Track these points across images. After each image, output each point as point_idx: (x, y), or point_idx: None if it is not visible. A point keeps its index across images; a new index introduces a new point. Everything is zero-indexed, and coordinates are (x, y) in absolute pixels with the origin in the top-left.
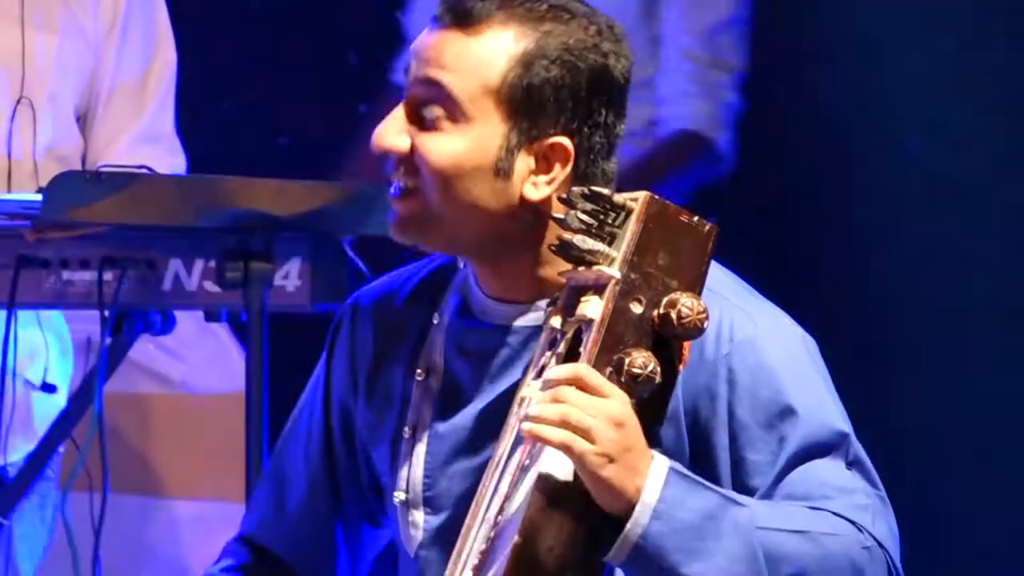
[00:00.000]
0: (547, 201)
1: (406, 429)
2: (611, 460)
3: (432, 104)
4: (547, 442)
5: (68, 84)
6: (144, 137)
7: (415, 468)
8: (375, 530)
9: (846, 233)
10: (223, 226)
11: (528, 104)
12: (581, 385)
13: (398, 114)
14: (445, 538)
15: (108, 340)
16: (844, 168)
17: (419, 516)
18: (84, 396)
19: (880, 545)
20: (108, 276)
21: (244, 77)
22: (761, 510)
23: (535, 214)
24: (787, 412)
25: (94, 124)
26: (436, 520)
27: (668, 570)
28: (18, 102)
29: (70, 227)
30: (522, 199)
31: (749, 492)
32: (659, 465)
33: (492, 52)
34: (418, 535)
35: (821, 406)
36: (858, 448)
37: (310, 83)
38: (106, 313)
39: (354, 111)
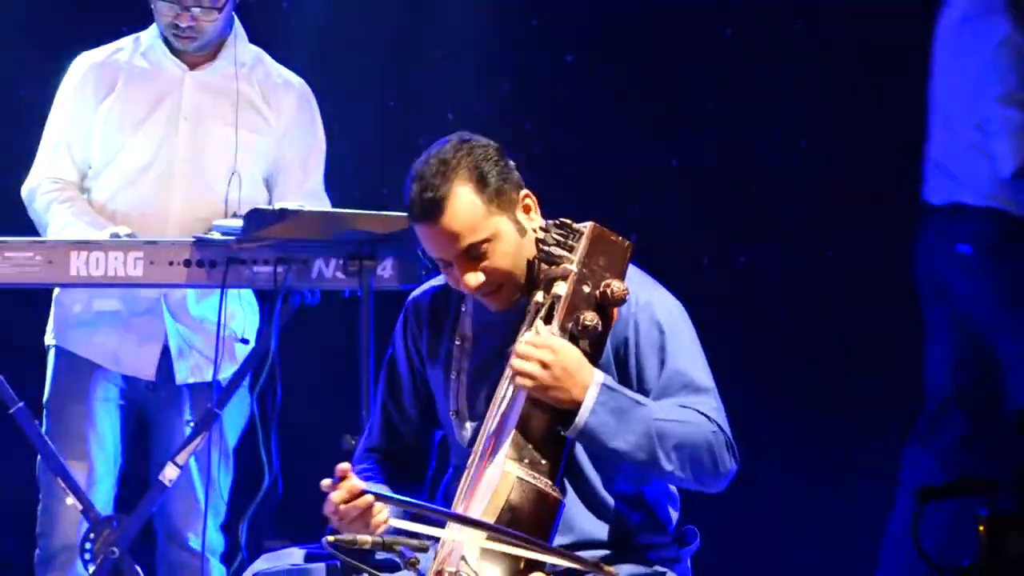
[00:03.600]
0: (535, 231)
1: (452, 374)
2: (550, 386)
3: (473, 251)
4: (519, 385)
5: (260, 164)
6: (305, 195)
7: (460, 397)
8: (436, 435)
9: None
10: (347, 240)
11: (501, 197)
12: (534, 342)
13: (462, 268)
14: (477, 433)
15: (279, 306)
16: None
17: (466, 424)
18: (265, 338)
19: (722, 430)
20: (280, 269)
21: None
22: (656, 408)
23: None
24: (665, 347)
25: (274, 187)
26: (472, 425)
27: (600, 443)
28: (231, 173)
29: (258, 240)
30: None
31: (645, 392)
32: (596, 379)
33: (465, 204)
34: (466, 435)
35: (684, 344)
36: (705, 375)
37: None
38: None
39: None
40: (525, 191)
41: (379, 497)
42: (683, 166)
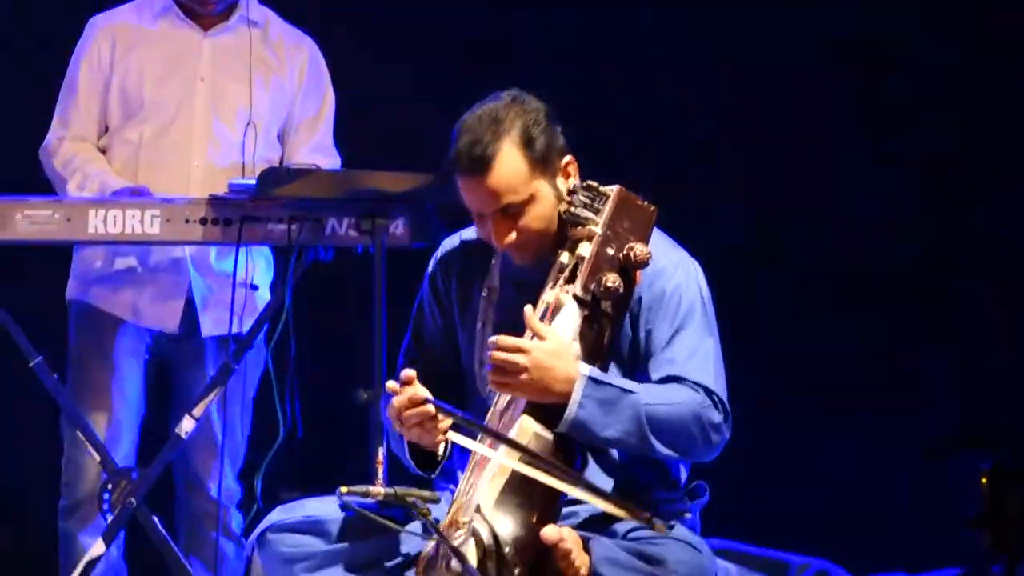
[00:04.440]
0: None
1: (479, 323)
2: (531, 389)
3: (509, 210)
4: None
5: (274, 119)
6: (315, 149)
7: (485, 347)
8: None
9: None
10: (360, 198)
11: (545, 161)
12: (505, 347)
13: (497, 223)
14: None
15: (293, 263)
16: None
17: (487, 372)
18: (279, 293)
19: (716, 402)
20: (294, 227)
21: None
22: (644, 394)
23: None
24: (678, 312)
25: (287, 142)
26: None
27: (591, 434)
28: (247, 128)
29: (272, 199)
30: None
31: (651, 353)
32: (582, 371)
33: (510, 164)
34: (487, 382)
35: (697, 317)
36: (712, 349)
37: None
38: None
39: None
40: (568, 157)
41: (439, 408)
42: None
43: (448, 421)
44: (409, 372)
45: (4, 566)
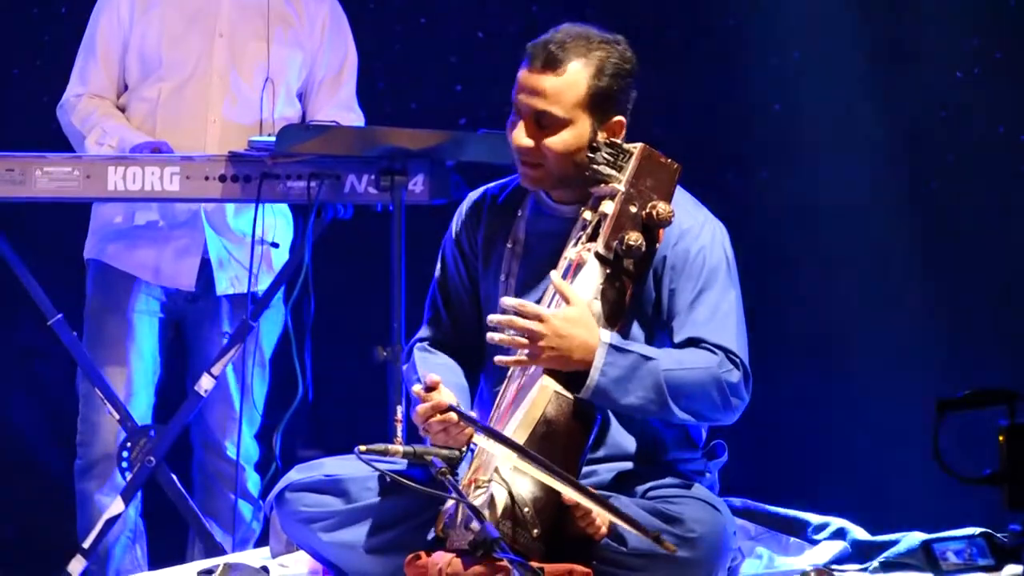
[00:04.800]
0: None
1: (502, 276)
2: (550, 356)
3: (544, 119)
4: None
5: (293, 76)
6: (339, 107)
7: (508, 296)
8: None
9: None
10: (379, 155)
11: (601, 103)
12: (524, 314)
13: (527, 123)
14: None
15: (312, 220)
16: None
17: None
18: (298, 251)
19: (736, 363)
20: (312, 184)
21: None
22: (664, 359)
23: None
24: (701, 273)
25: (308, 101)
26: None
27: (612, 401)
28: (264, 83)
29: (291, 156)
30: None
31: (673, 314)
32: (603, 339)
33: (574, 80)
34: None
35: (720, 278)
36: (733, 311)
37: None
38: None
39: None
40: (622, 118)
41: (462, 416)
42: None
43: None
44: (434, 377)
45: (22, 528)
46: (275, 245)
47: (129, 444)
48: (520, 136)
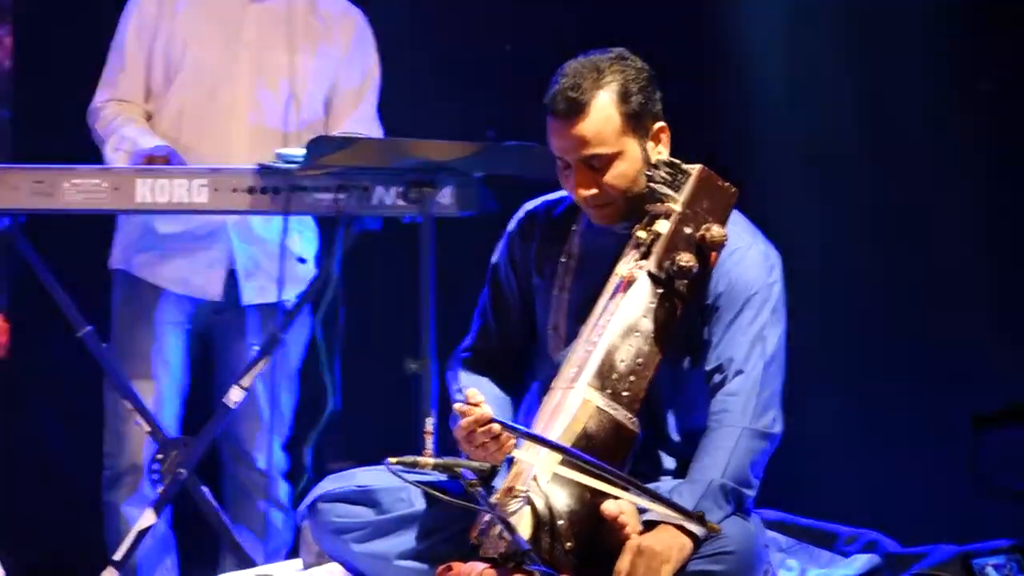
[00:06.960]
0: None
1: (555, 290)
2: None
3: (595, 161)
4: None
5: (318, 87)
6: (360, 120)
7: (560, 313)
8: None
9: None
10: (407, 167)
11: (638, 120)
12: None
13: (580, 173)
14: (567, 354)
15: (341, 232)
16: None
17: (561, 342)
18: (327, 264)
19: (757, 398)
20: (341, 196)
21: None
22: (712, 467)
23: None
24: (740, 309)
25: (331, 111)
26: (565, 344)
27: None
28: (289, 96)
29: (320, 168)
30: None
31: (712, 335)
32: (696, 537)
33: (605, 114)
34: (559, 352)
35: (758, 311)
36: (758, 354)
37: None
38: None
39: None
40: (662, 123)
41: (505, 427)
42: None
43: (511, 441)
44: (475, 393)
45: (49, 540)
46: (302, 260)
47: (160, 456)
48: (581, 187)
